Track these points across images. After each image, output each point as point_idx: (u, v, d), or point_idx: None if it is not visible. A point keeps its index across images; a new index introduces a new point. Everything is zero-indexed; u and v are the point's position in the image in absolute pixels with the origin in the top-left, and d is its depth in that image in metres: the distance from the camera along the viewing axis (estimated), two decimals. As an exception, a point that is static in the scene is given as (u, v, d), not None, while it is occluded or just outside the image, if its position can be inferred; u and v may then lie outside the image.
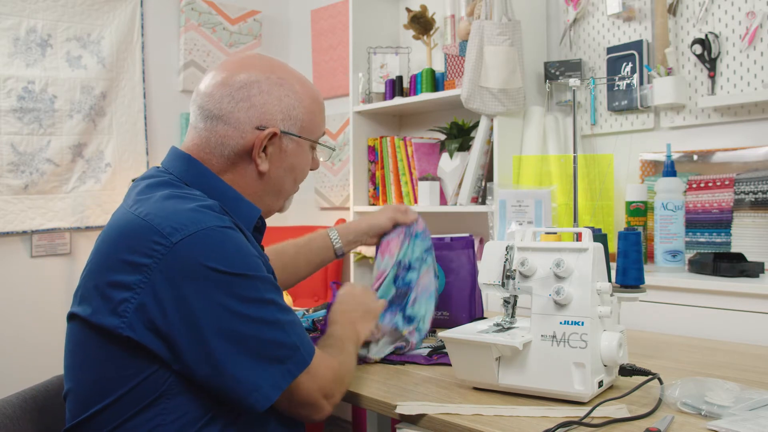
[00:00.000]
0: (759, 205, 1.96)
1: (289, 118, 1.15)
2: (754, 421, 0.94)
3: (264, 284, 1.01)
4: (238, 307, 0.97)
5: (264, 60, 1.18)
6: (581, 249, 1.14)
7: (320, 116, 1.21)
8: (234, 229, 1.03)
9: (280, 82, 1.15)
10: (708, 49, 2.16)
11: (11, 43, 2.88)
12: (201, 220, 0.99)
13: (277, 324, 1.00)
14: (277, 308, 1.02)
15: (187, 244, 0.96)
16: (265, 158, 1.14)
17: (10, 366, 2.85)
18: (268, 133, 1.12)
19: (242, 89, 1.12)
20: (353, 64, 2.97)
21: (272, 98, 1.13)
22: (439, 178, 2.70)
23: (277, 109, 1.13)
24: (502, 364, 1.14)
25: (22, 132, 2.89)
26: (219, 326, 0.96)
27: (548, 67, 2.54)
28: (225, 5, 3.53)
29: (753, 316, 1.68)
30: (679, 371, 1.28)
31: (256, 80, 1.13)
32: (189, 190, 1.08)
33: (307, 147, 1.20)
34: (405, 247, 1.50)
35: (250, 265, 1.00)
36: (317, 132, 1.21)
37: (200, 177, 1.11)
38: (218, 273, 0.96)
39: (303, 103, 1.17)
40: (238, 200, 1.13)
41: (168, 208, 1.01)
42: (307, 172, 1.24)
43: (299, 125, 1.16)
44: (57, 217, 2.99)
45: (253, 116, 1.12)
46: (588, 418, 1.01)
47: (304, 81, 1.20)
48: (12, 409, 1.12)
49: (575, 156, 2.14)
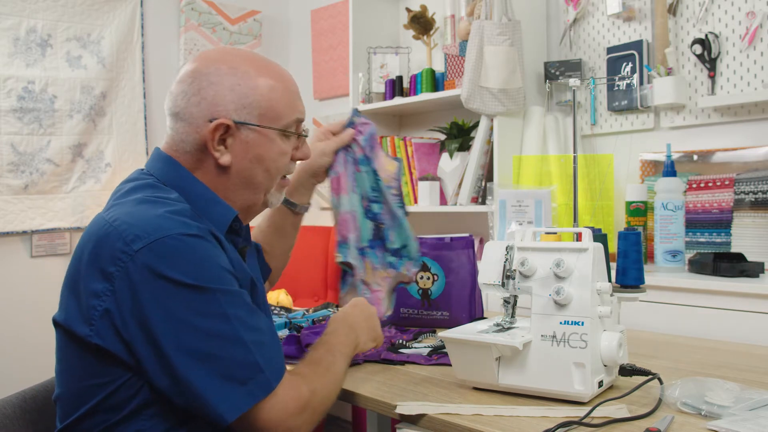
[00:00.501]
0: (759, 205, 1.96)
1: (244, 107, 1.09)
2: (754, 421, 0.94)
3: (227, 297, 0.96)
4: (196, 321, 0.93)
5: (224, 51, 1.14)
6: (581, 249, 1.14)
7: (284, 102, 1.13)
8: (200, 237, 0.97)
9: (231, 71, 1.09)
10: (708, 49, 2.16)
11: (11, 43, 2.88)
12: (165, 227, 0.95)
13: (238, 342, 0.94)
14: (241, 324, 0.95)
15: (147, 253, 0.93)
16: (226, 151, 1.09)
17: (10, 366, 2.85)
18: (216, 125, 1.07)
19: (193, 83, 1.09)
20: (353, 64, 2.97)
21: (223, 88, 1.08)
22: (439, 178, 2.70)
23: (229, 99, 1.08)
24: (502, 364, 1.14)
25: (22, 132, 2.89)
26: (177, 340, 0.92)
27: (548, 67, 2.54)
28: (225, 5, 3.53)
29: (753, 316, 1.68)
30: (679, 371, 1.28)
31: (206, 72, 1.09)
32: (165, 193, 1.06)
33: (274, 136, 1.12)
34: (357, 178, 1.40)
35: (212, 276, 0.95)
36: (284, 119, 1.13)
37: (178, 178, 1.09)
38: (176, 284, 0.92)
39: (258, 90, 1.10)
40: (211, 202, 1.09)
41: (135, 214, 0.99)
42: (285, 162, 1.16)
43: (257, 113, 1.10)
44: (57, 217, 2.99)
45: (205, 109, 1.08)
46: (588, 418, 1.01)
47: (263, 67, 1.12)
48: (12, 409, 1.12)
49: (575, 156, 2.14)
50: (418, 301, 1.74)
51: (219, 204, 1.10)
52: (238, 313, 0.96)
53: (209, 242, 0.99)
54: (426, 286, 1.73)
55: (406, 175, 2.83)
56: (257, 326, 0.98)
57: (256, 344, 0.96)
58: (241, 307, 0.97)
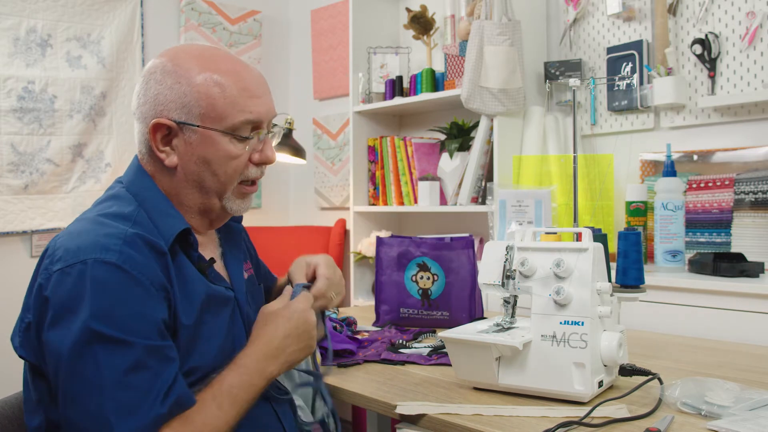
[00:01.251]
0: (759, 205, 1.96)
1: (183, 106, 1.04)
2: (754, 421, 0.94)
3: (108, 345, 0.89)
4: (71, 356, 0.90)
5: (177, 48, 1.09)
6: (581, 249, 1.14)
7: (229, 101, 1.04)
8: (116, 266, 0.92)
9: (174, 68, 1.05)
10: (708, 49, 2.16)
11: (11, 43, 2.88)
12: (86, 251, 0.93)
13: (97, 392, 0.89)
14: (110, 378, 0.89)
15: (59, 276, 0.93)
16: (171, 152, 1.06)
17: (10, 366, 2.85)
18: (154, 124, 1.04)
19: (143, 82, 1.07)
20: (353, 64, 2.97)
21: (164, 87, 1.04)
22: (439, 178, 2.70)
23: (170, 98, 1.04)
24: (502, 364, 1.14)
25: (22, 132, 2.89)
26: (58, 366, 0.91)
27: (548, 67, 2.54)
28: (225, 5, 3.53)
29: (753, 316, 1.68)
30: (679, 371, 1.28)
31: (154, 70, 1.06)
32: (124, 205, 1.04)
33: (219, 137, 1.05)
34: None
35: (104, 317, 0.90)
36: (228, 120, 1.04)
37: (140, 186, 1.08)
38: (68, 314, 0.91)
39: (198, 89, 1.03)
40: (163, 213, 1.05)
41: (74, 232, 0.98)
42: (237, 166, 1.08)
43: (197, 113, 1.03)
44: (57, 217, 2.99)
45: (150, 110, 1.05)
46: (588, 418, 1.01)
47: (211, 63, 1.06)
48: (12, 409, 1.12)
49: (575, 156, 2.14)
50: (418, 301, 1.74)
51: (169, 216, 1.05)
52: (115, 364, 0.90)
53: (127, 275, 0.93)
54: (426, 286, 1.73)
55: (406, 175, 2.83)
56: (131, 384, 0.90)
57: (117, 403, 0.89)
58: (123, 359, 0.90)
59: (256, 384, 1.03)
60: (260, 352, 1.06)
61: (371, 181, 2.99)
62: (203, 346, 1.03)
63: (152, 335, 0.94)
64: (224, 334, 1.08)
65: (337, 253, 3.23)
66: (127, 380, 0.90)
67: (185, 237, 1.06)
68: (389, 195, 2.89)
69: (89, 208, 1.08)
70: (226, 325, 1.09)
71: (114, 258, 0.93)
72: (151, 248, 0.98)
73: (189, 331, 1.01)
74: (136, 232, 0.98)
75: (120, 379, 0.90)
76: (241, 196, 1.12)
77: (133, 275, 0.94)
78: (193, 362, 1.01)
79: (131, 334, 0.91)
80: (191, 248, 1.07)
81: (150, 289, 0.95)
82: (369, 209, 2.95)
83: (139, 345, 0.92)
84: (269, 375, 1.05)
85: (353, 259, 2.96)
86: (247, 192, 1.13)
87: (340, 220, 3.32)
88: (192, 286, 1.03)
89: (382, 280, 1.78)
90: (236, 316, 1.12)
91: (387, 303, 1.77)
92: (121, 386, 0.90)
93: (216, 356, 1.05)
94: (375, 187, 2.97)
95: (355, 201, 2.97)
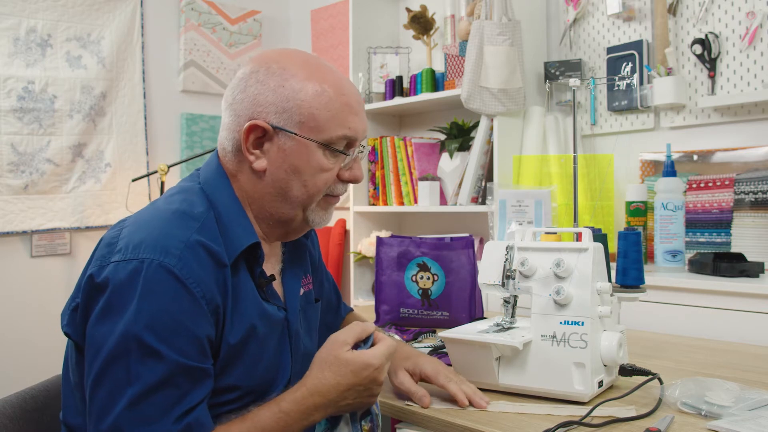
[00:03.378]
0: (759, 205, 1.96)
1: (284, 111, 1.00)
2: (754, 421, 0.94)
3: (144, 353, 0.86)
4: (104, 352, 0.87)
5: (284, 51, 1.06)
6: (581, 249, 1.14)
7: (330, 114, 1.01)
8: (171, 273, 0.89)
9: (280, 71, 1.01)
10: (708, 49, 2.16)
11: (11, 43, 2.88)
12: (146, 249, 0.90)
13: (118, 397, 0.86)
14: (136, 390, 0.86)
15: (114, 268, 0.90)
16: (262, 155, 1.02)
17: (10, 366, 2.85)
18: (250, 126, 1.00)
19: (243, 80, 1.03)
20: (353, 64, 2.97)
21: (266, 89, 1.01)
22: (439, 178, 2.70)
23: (270, 100, 1.00)
24: (502, 364, 1.14)
25: (22, 132, 2.89)
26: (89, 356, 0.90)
27: (548, 67, 2.54)
28: (225, 5, 3.53)
29: (753, 316, 1.68)
30: (679, 371, 1.28)
31: (256, 70, 1.02)
32: (194, 204, 1.00)
33: (315, 148, 1.01)
34: None
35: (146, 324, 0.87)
36: (326, 132, 1.01)
37: (216, 186, 1.04)
38: (112, 310, 0.88)
39: (302, 95, 1.00)
40: (234, 222, 1.01)
41: (141, 222, 0.96)
42: (327, 179, 1.04)
43: (297, 120, 1.00)
44: (57, 217, 2.99)
45: (247, 108, 1.01)
46: (588, 417, 1.01)
47: (318, 72, 1.02)
48: (12, 409, 1.12)
49: (575, 156, 2.14)
50: (418, 301, 1.74)
51: (240, 225, 1.01)
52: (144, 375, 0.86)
53: (180, 285, 0.90)
54: (426, 286, 1.73)
55: (406, 175, 2.83)
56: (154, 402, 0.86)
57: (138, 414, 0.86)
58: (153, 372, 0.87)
59: (293, 430, 0.95)
60: (310, 402, 0.96)
61: (371, 181, 2.99)
62: (245, 366, 0.99)
63: (191, 353, 0.90)
64: (270, 356, 1.03)
65: (337, 253, 3.23)
66: (152, 395, 0.87)
67: (252, 251, 1.01)
68: (389, 195, 2.89)
69: (160, 197, 1.05)
70: (273, 346, 1.04)
71: (173, 263, 0.90)
72: (211, 258, 0.94)
73: (233, 350, 0.96)
74: (199, 239, 0.94)
75: (145, 392, 0.87)
76: (325, 207, 1.07)
77: (187, 286, 0.90)
78: (233, 380, 0.97)
79: (170, 348, 0.88)
80: (256, 263, 1.02)
81: (200, 303, 0.91)
82: (369, 209, 2.95)
83: (174, 361, 0.88)
84: (311, 422, 0.97)
85: (353, 259, 2.96)
86: (331, 204, 1.08)
87: (340, 220, 3.32)
88: (245, 304, 0.99)
89: (382, 280, 1.78)
90: (284, 335, 1.07)
91: (387, 303, 1.77)
92: (144, 399, 0.86)
93: (257, 377, 1.01)
94: (375, 187, 2.97)
95: (355, 201, 2.97)
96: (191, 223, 0.96)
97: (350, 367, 0.98)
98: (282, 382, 1.06)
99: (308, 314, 1.18)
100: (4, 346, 2.87)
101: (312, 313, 1.19)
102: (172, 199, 1.02)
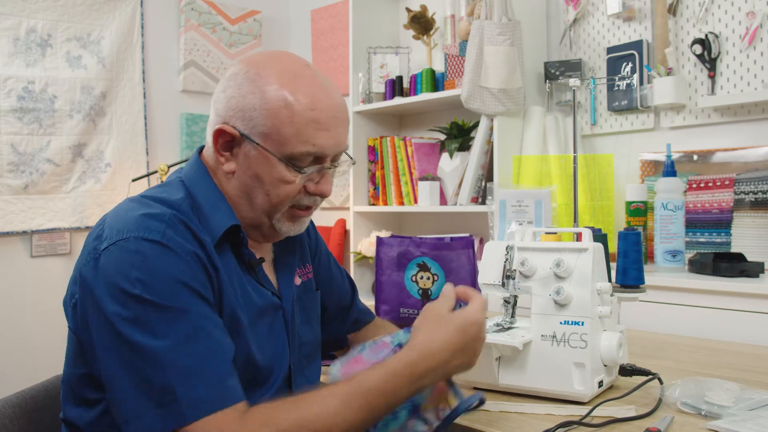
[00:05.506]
0: (759, 205, 1.96)
1: (250, 119, 0.98)
2: (754, 421, 0.94)
3: (163, 313, 0.86)
4: (125, 329, 0.86)
5: (270, 55, 1.04)
6: (581, 249, 1.14)
7: (296, 129, 0.97)
8: (159, 243, 0.90)
9: (255, 77, 0.99)
10: (708, 49, 2.16)
11: (11, 43, 2.88)
12: (129, 229, 0.92)
13: (157, 363, 0.85)
14: (168, 345, 0.85)
15: (105, 255, 0.91)
16: (231, 158, 1.01)
17: (10, 366, 2.85)
18: (218, 130, 1.00)
19: (226, 80, 1.02)
20: (353, 64, 2.97)
21: (239, 93, 0.99)
22: (439, 178, 2.70)
23: (240, 106, 0.98)
24: (502, 364, 1.14)
25: (22, 132, 2.89)
26: (108, 343, 0.88)
27: (548, 67, 2.54)
28: (225, 5, 3.53)
29: (753, 316, 1.68)
30: (679, 371, 1.28)
31: (237, 72, 1.01)
32: (173, 192, 1.01)
33: (277, 162, 0.98)
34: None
35: (154, 288, 0.87)
36: (288, 147, 0.97)
37: (195, 177, 1.04)
38: (117, 290, 0.88)
39: (268, 106, 0.97)
40: (214, 207, 1.00)
41: (119, 213, 0.97)
42: (290, 192, 1.00)
43: (260, 131, 0.97)
44: (57, 217, 2.99)
45: (222, 110, 1.01)
46: (588, 418, 1.01)
47: (293, 83, 0.98)
48: (12, 409, 1.12)
49: (575, 156, 2.14)
50: (418, 301, 1.74)
51: (219, 210, 1.01)
52: (171, 332, 0.86)
53: (170, 251, 0.91)
54: (426, 286, 1.73)
55: (406, 175, 2.83)
56: (192, 351, 0.86)
57: (179, 370, 0.85)
58: (178, 327, 0.87)
59: (401, 395, 0.91)
60: (422, 366, 0.92)
61: (371, 181, 2.99)
62: (246, 345, 0.98)
63: (201, 305, 0.90)
64: (265, 340, 1.02)
65: (337, 253, 3.23)
66: (187, 348, 0.86)
67: (234, 234, 1.01)
68: (389, 195, 2.89)
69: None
70: (266, 331, 1.03)
71: (157, 237, 0.91)
72: (192, 235, 0.95)
73: (228, 323, 0.95)
74: (179, 215, 0.95)
75: (178, 347, 0.86)
76: (292, 219, 1.05)
77: (177, 252, 0.91)
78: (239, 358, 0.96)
79: (181, 302, 0.88)
80: (241, 245, 1.02)
81: (194, 265, 0.91)
82: (369, 209, 2.95)
83: (193, 311, 0.88)
84: (419, 388, 0.93)
85: (353, 259, 2.96)
86: (299, 216, 1.05)
87: (340, 220, 3.32)
88: (234, 282, 0.99)
89: (382, 280, 1.78)
90: (278, 325, 1.06)
91: (387, 303, 1.77)
92: (182, 354, 0.86)
93: (260, 359, 1.00)
94: (375, 187, 2.97)
95: (355, 201, 2.97)
96: (168, 209, 0.96)
97: (456, 323, 0.96)
98: (282, 372, 1.05)
99: (306, 304, 1.16)
100: (4, 346, 2.87)
101: (310, 302, 1.18)
102: (151, 190, 1.03)
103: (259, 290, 1.04)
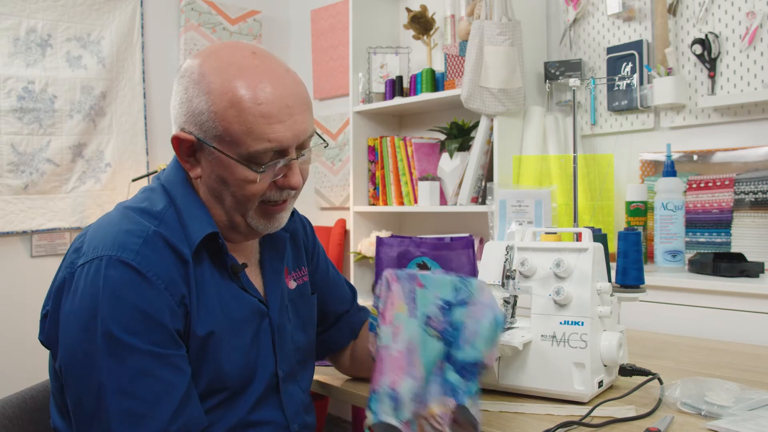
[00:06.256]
0: (759, 205, 1.96)
1: (202, 124, 0.94)
2: (754, 421, 0.94)
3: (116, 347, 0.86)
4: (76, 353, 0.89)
5: (211, 51, 0.98)
6: (581, 249, 1.14)
7: (246, 127, 0.92)
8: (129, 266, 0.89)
9: (198, 78, 0.95)
10: (708, 49, 2.16)
11: (11, 43, 2.88)
12: (105, 246, 0.91)
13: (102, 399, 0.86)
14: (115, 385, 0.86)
15: (79, 274, 0.92)
16: (195, 163, 0.99)
17: (10, 366, 2.85)
18: (174, 137, 0.97)
19: (176, 85, 0.99)
20: (353, 64, 2.97)
21: (187, 98, 0.96)
22: (439, 178, 2.70)
23: (190, 111, 0.95)
24: (502, 364, 1.14)
25: (22, 132, 2.89)
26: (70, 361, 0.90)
27: (548, 67, 2.54)
28: (225, 5, 3.53)
29: (753, 316, 1.68)
30: (679, 371, 1.28)
31: (183, 75, 0.98)
32: (155, 201, 1.00)
33: (235, 163, 0.95)
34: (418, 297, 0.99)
35: (115, 321, 0.87)
36: (246, 147, 0.93)
37: (175, 182, 1.03)
38: (81, 320, 0.88)
39: (214, 108, 0.93)
40: (192, 215, 0.99)
41: (101, 225, 0.98)
42: (257, 189, 0.97)
43: (213, 134, 0.94)
44: (57, 217, 2.99)
45: (176, 116, 0.98)
46: (588, 418, 1.01)
47: (234, 79, 0.93)
48: (12, 409, 1.12)
49: (575, 156, 2.14)
50: (418, 301, 1.73)
51: (197, 218, 0.99)
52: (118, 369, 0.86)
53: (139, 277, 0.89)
54: (426, 286, 1.73)
55: (406, 175, 2.83)
56: (134, 392, 0.86)
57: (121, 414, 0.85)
58: (125, 365, 0.86)
59: None
60: None
61: (371, 181, 2.99)
62: (218, 360, 0.96)
63: (163, 341, 0.89)
64: (245, 350, 1.01)
65: (337, 253, 3.23)
66: (131, 388, 0.86)
67: (213, 241, 0.99)
68: (389, 195, 2.89)
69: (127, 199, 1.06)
70: (249, 339, 1.01)
71: (130, 257, 0.90)
72: (172, 251, 0.94)
73: (200, 342, 0.95)
74: (158, 231, 0.94)
75: (124, 386, 0.86)
76: (266, 216, 1.02)
77: (148, 277, 0.90)
78: (208, 376, 0.96)
79: (138, 338, 0.87)
80: (221, 252, 1.00)
81: (164, 293, 0.90)
82: (369, 209, 2.95)
83: (146, 350, 0.87)
84: None
85: (353, 259, 2.96)
86: (272, 212, 1.02)
87: (340, 220, 3.32)
88: (212, 296, 0.98)
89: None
90: (263, 332, 1.04)
91: (387, 303, 1.77)
92: (126, 394, 0.86)
93: (232, 371, 0.98)
94: (375, 187, 2.97)
95: (355, 201, 2.97)
96: (151, 221, 0.96)
97: None
98: (263, 379, 1.03)
99: (300, 308, 1.15)
100: (4, 346, 2.87)
101: (305, 307, 1.17)
102: (135, 199, 1.03)
103: (242, 298, 1.02)
